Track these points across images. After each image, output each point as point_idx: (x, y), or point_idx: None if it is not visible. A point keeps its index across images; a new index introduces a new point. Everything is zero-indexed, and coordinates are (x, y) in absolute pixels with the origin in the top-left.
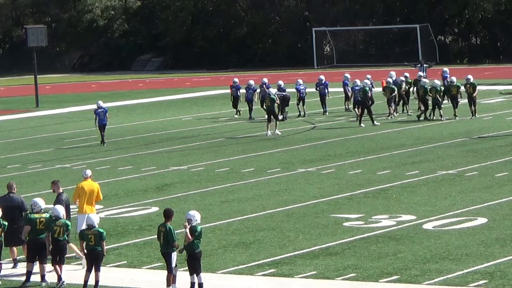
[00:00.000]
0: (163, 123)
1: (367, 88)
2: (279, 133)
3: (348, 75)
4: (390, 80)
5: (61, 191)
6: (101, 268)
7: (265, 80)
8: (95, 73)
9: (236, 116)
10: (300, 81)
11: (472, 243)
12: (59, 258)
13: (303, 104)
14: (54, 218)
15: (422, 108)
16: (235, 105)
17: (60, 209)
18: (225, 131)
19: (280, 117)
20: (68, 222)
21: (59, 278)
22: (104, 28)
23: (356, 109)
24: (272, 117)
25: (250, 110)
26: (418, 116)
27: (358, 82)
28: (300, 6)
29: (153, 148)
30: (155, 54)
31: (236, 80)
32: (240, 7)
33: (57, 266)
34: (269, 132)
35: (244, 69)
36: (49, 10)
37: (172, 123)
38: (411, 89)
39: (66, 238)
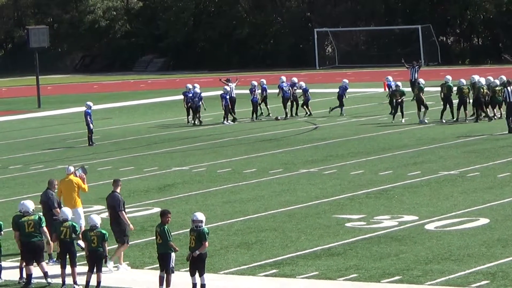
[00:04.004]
0: (165, 124)
1: (451, 84)
2: (426, 121)
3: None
4: (399, 83)
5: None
6: (103, 268)
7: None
8: (97, 74)
9: (192, 123)
10: (284, 79)
11: (474, 244)
12: (69, 261)
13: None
14: (62, 220)
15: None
16: (191, 112)
17: (68, 211)
18: (227, 132)
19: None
20: (75, 223)
21: (63, 282)
22: (106, 29)
23: (306, 108)
24: (421, 105)
25: (256, 111)
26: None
27: (295, 80)
28: (301, 7)
29: (155, 149)
30: (157, 55)
31: (190, 86)
32: (242, 8)
33: (64, 270)
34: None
35: (245, 70)
36: (51, 11)
37: (174, 123)
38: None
39: (74, 238)
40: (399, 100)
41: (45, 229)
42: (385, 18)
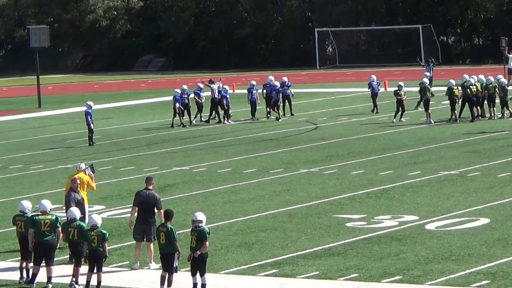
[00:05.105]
0: (165, 124)
1: (467, 84)
2: (432, 122)
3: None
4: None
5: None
6: (104, 268)
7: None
8: (98, 74)
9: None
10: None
11: (474, 244)
12: (75, 261)
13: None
14: (69, 219)
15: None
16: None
17: (76, 211)
18: (227, 132)
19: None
20: (82, 224)
21: (72, 277)
22: (106, 29)
23: (270, 109)
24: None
25: (254, 111)
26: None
27: (285, 79)
28: (302, 6)
29: (155, 149)
30: (157, 54)
31: (185, 87)
32: (243, 8)
33: (75, 268)
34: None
35: (246, 69)
36: (52, 11)
37: (174, 123)
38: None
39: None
40: (402, 100)
41: (60, 230)
42: (386, 18)
